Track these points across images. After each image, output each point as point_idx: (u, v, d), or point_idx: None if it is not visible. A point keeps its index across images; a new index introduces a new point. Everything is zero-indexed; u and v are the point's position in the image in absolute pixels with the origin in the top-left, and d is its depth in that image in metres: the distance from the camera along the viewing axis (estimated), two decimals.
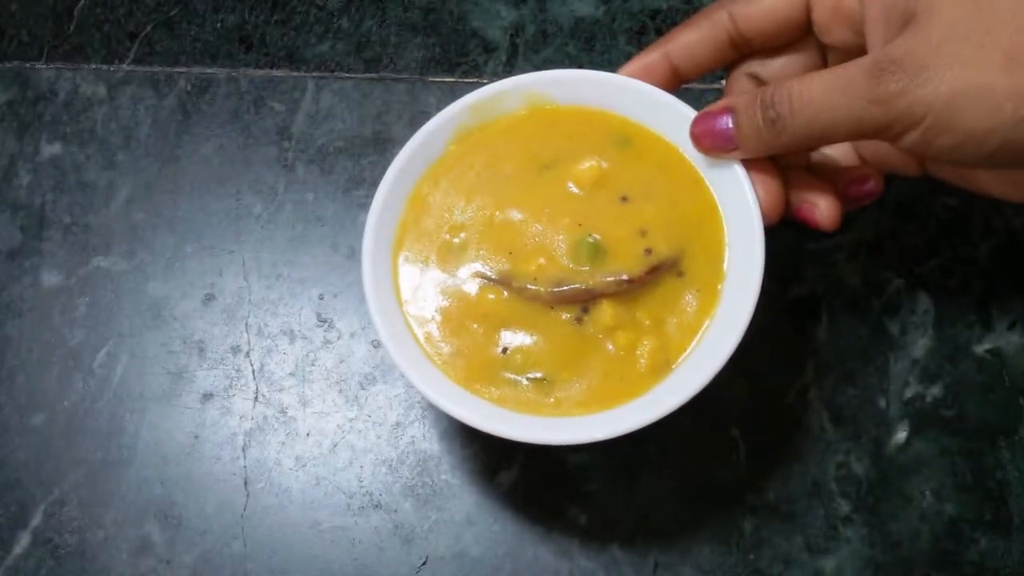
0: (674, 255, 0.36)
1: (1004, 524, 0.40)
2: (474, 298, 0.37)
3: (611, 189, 0.37)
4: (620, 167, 0.37)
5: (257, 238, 0.46)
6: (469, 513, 0.41)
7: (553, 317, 0.36)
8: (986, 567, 0.40)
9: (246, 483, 0.42)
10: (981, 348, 0.43)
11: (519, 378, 0.36)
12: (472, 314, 0.36)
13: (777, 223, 0.36)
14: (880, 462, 0.41)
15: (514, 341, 0.36)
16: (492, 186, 0.38)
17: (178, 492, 0.42)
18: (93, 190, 0.47)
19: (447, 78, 0.48)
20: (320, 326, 0.44)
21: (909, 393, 0.42)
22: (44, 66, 0.49)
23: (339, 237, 0.46)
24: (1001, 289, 0.43)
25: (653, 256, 0.36)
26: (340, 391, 0.43)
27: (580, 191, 0.37)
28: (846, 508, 0.41)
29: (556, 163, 0.38)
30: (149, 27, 0.50)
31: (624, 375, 0.35)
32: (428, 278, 0.37)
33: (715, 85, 0.47)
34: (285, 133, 0.47)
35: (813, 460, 0.41)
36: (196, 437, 0.43)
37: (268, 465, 0.42)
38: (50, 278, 0.46)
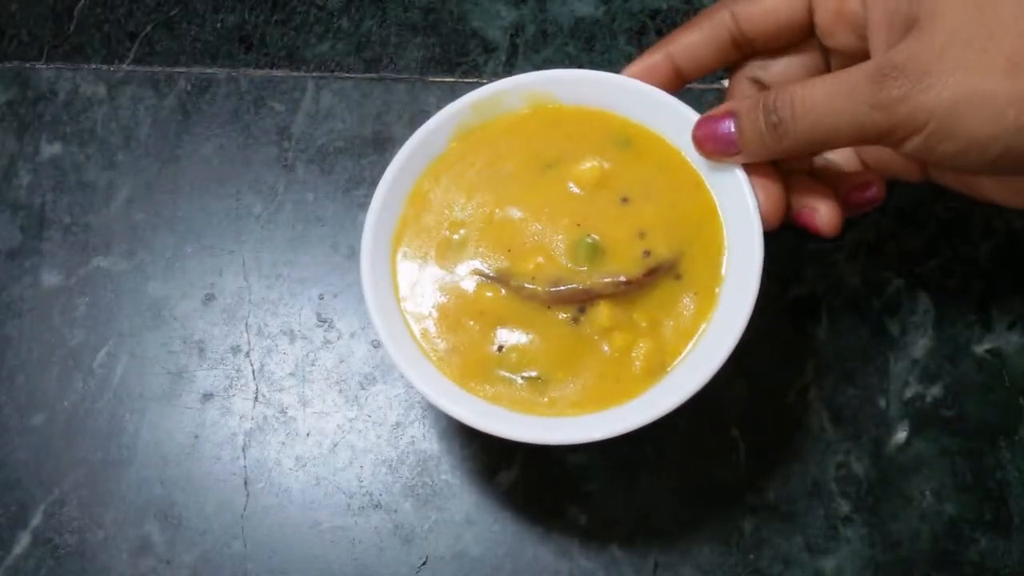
0: (673, 257, 0.36)
1: (1004, 524, 0.40)
2: (471, 295, 0.36)
3: (612, 190, 0.37)
4: (621, 168, 0.37)
5: (257, 238, 0.46)
6: (469, 513, 0.41)
7: (550, 316, 0.36)
8: (986, 567, 0.40)
9: (246, 483, 0.42)
10: (981, 348, 0.42)
11: (514, 376, 0.36)
12: (469, 311, 0.36)
13: (778, 228, 0.36)
14: (880, 462, 0.41)
15: (510, 339, 0.36)
16: (493, 184, 0.38)
17: (178, 492, 0.42)
18: (93, 190, 0.47)
19: (447, 78, 0.48)
20: (320, 326, 0.44)
21: (909, 393, 0.42)
22: (44, 66, 0.49)
23: (339, 237, 0.46)
24: (1001, 289, 0.43)
25: (652, 258, 0.36)
26: (340, 391, 0.43)
27: (581, 191, 0.37)
28: (846, 508, 0.41)
29: (557, 162, 0.38)
30: (149, 27, 0.50)
31: (619, 377, 0.35)
32: (426, 274, 0.37)
33: (715, 85, 0.47)
34: (285, 133, 0.47)
35: (813, 460, 0.41)
36: (196, 437, 0.43)
37: (268, 465, 0.42)
38: (50, 278, 0.46)
